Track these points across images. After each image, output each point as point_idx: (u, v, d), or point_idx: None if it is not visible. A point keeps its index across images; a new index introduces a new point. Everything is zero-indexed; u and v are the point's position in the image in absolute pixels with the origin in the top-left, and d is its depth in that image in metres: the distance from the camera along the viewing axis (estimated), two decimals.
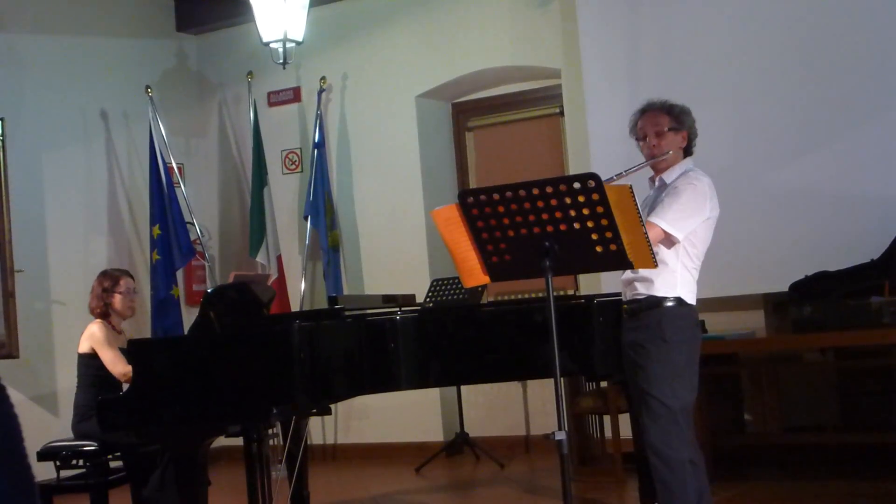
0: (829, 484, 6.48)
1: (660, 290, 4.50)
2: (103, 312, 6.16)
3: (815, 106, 7.06)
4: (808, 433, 7.28)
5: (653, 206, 4.55)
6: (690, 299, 4.55)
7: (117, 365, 5.93)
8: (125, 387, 5.76)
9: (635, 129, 4.70)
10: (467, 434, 8.56)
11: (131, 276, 6.40)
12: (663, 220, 4.39)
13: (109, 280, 6.22)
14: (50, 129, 8.60)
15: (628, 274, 4.57)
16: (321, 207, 9.07)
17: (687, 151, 4.67)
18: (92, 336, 6.03)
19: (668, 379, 4.45)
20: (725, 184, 6.97)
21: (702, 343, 6.37)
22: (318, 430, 9.38)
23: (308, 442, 7.33)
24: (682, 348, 4.51)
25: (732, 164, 7.17)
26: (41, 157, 8.51)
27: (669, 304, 4.50)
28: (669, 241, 4.43)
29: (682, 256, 4.50)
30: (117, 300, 6.18)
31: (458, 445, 8.65)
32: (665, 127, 4.58)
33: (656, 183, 4.67)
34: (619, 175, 4.27)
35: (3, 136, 7.82)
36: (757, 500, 6.10)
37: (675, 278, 4.49)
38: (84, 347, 6.05)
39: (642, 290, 4.54)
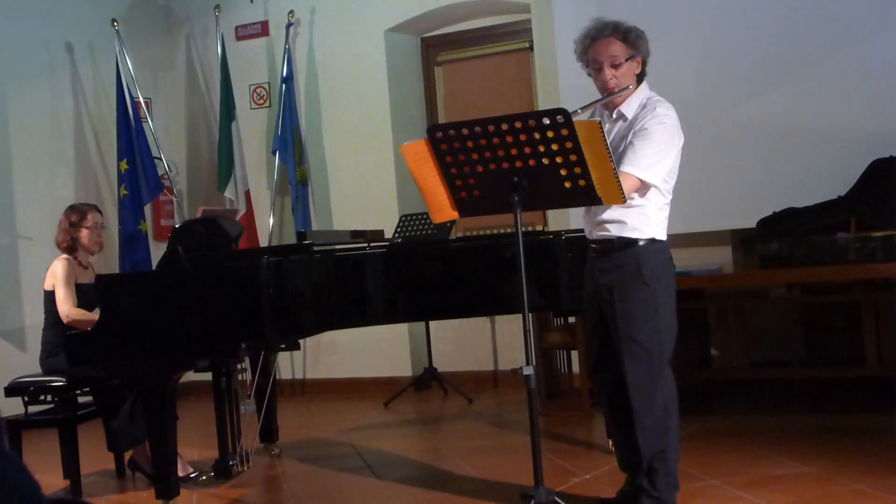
0: (793, 418, 6.55)
1: (632, 231, 4.32)
2: (70, 247, 6.11)
3: (783, 39, 7.05)
4: (774, 368, 7.35)
5: (615, 141, 4.30)
6: (662, 236, 4.39)
7: (64, 305, 5.90)
8: None
9: (584, 57, 4.38)
10: (435, 369, 8.61)
11: (99, 211, 6.33)
12: (638, 168, 4.16)
13: (77, 214, 6.16)
14: (14, 61, 8.48)
15: (599, 215, 4.38)
16: (289, 142, 9.04)
17: (640, 76, 4.43)
18: (53, 273, 5.99)
19: (650, 320, 4.32)
20: (693, 119, 6.99)
21: None
22: (287, 365, 9.41)
23: (277, 377, 7.38)
24: (660, 288, 4.35)
25: (700, 99, 7.17)
26: (5, 90, 8.41)
27: (643, 243, 4.33)
28: (645, 187, 4.22)
29: (654, 196, 4.32)
30: (84, 235, 6.13)
31: (427, 380, 8.70)
32: (622, 58, 4.28)
33: (614, 115, 4.40)
34: (574, 112, 4.02)
35: None
36: (723, 434, 6.16)
37: (648, 219, 4.32)
38: (48, 285, 6.02)
39: (614, 231, 4.35)
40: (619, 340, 4.38)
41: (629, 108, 4.36)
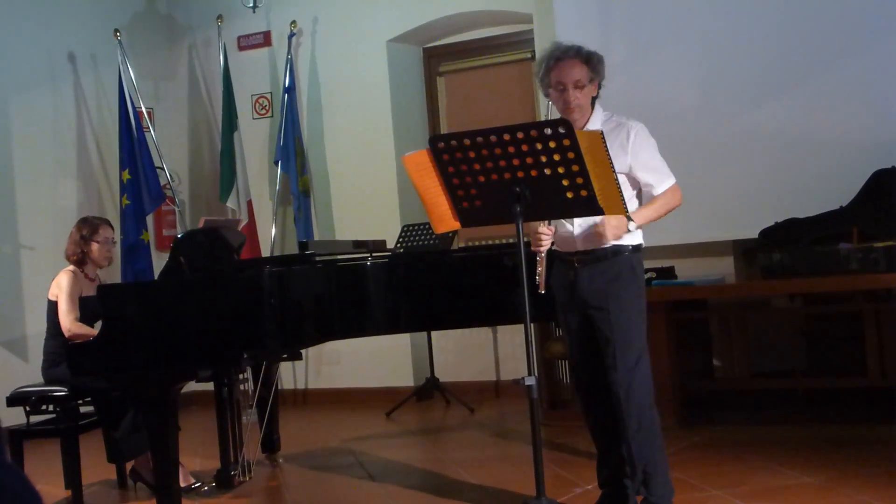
0: (795, 428, 6.54)
1: (624, 238, 4.40)
2: (79, 260, 6.12)
3: (784, 49, 7.05)
4: (776, 378, 7.33)
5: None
6: (642, 242, 4.56)
7: (66, 317, 5.89)
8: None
9: (547, 77, 4.46)
10: (437, 379, 8.61)
11: (111, 226, 6.34)
12: (669, 175, 4.43)
13: (88, 228, 6.16)
14: (16, 71, 8.49)
15: (584, 226, 4.42)
16: (292, 152, 9.04)
17: (594, 98, 4.51)
18: (59, 284, 6.00)
19: (641, 324, 4.45)
20: (695, 128, 7.04)
21: (672, 288, 6.47)
22: (289, 375, 9.41)
23: (279, 387, 7.37)
24: (644, 293, 4.53)
25: (702, 110, 7.17)
26: (8, 99, 8.41)
27: (631, 250, 4.45)
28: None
29: (636, 203, 4.49)
30: (94, 249, 6.13)
31: (429, 390, 8.69)
32: (585, 80, 4.38)
33: None
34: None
35: None
36: (725, 445, 6.15)
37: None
38: (53, 294, 6.02)
39: (603, 241, 4.38)
40: (613, 346, 4.42)
41: (594, 124, 4.45)
